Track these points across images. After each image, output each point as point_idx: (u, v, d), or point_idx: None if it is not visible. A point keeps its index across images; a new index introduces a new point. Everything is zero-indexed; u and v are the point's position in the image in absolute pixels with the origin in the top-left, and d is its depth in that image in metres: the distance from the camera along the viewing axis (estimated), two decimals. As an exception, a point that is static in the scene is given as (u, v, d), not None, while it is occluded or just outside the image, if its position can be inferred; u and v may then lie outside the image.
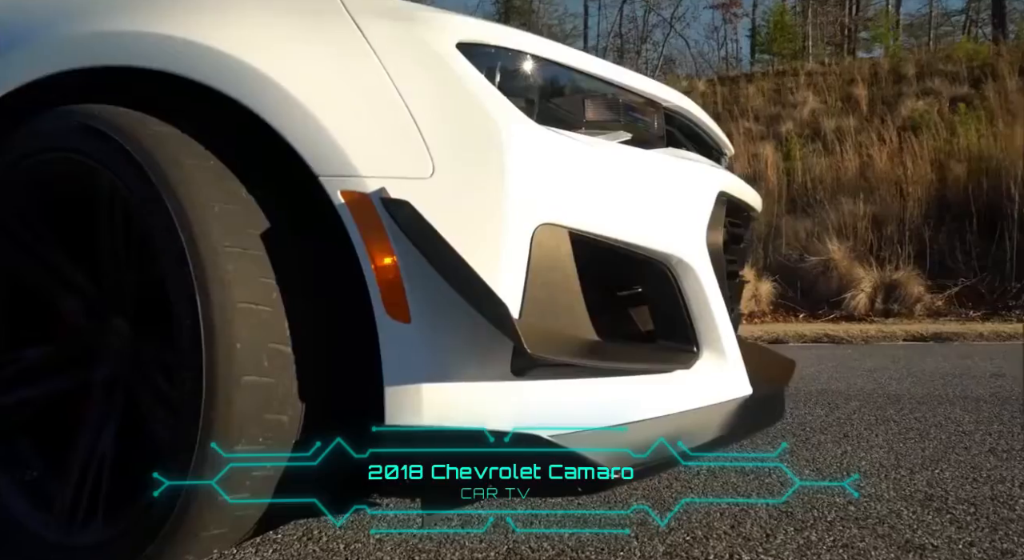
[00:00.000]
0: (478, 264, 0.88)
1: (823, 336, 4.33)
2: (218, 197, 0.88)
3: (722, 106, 12.22)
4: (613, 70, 1.16)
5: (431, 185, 0.89)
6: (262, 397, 0.86)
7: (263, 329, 0.86)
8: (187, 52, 0.91)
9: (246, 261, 0.87)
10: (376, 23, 0.95)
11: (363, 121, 0.90)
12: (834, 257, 7.31)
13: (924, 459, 1.49)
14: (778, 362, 1.68)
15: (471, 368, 0.90)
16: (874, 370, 2.89)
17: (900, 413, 2.00)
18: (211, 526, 0.88)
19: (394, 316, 0.88)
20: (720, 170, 1.32)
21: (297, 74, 0.91)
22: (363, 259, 0.88)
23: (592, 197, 1.00)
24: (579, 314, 0.98)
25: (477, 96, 0.93)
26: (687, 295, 1.12)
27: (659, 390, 1.07)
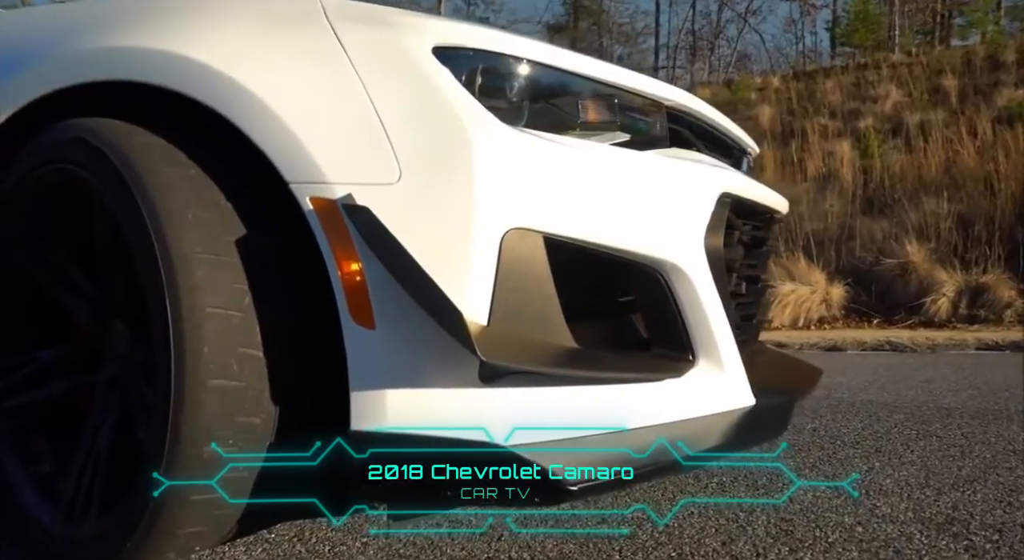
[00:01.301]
0: (444, 269, 0.88)
1: (885, 343, 4.10)
2: (194, 205, 0.91)
3: (796, 102, 11.81)
4: (609, 70, 1.13)
5: (397, 190, 0.89)
6: (232, 400, 0.88)
7: (233, 333, 0.88)
8: (165, 64, 0.94)
9: (218, 267, 0.89)
10: (353, 29, 0.96)
11: (333, 127, 0.91)
12: (913, 260, 6.93)
13: (958, 479, 1.39)
14: (801, 370, 1.60)
15: (437, 374, 0.89)
16: (931, 380, 2.72)
17: (946, 428, 1.87)
18: (186, 525, 0.90)
19: (359, 322, 0.88)
20: (726, 171, 1.26)
21: (271, 82, 0.92)
22: (330, 265, 0.89)
23: (572, 201, 0.98)
24: (554, 321, 0.96)
25: (447, 100, 0.92)
26: (681, 302, 1.09)
27: (648, 399, 1.04)
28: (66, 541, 1.00)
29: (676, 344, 1.10)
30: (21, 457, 1.11)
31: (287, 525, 1.17)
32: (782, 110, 11.77)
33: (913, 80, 11.50)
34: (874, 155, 8.80)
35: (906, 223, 7.38)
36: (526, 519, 1.14)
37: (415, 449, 0.86)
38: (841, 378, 2.83)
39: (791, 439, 1.78)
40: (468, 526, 1.13)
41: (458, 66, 0.97)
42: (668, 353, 1.10)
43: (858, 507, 1.23)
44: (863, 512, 1.21)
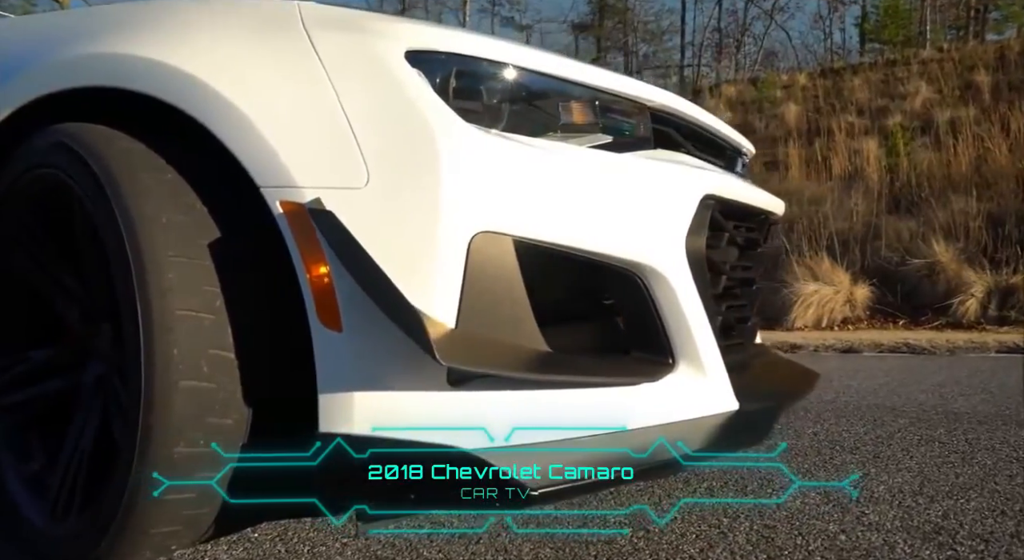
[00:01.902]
0: (410, 272, 0.88)
1: (902, 345, 4.00)
2: (168, 209, 0.92)
3: (823, 100, 11.63)
4: (590, 72, 1.12)
5: (364, 194, 0.90)
6: (203, 401, 0.89)
7: (204, 335, 0.90)
8: (143, 70, 0.96)
9: (190, 270, 0.91)
10: (328, 35, 0.97)
11: (303, 132, 0.92)
12: (941, 259, 6.78)
13: (953, 486, 1.35)
14: (797, 374, 1.58)
15: (405, 377, 0.89)
16: (944, 384, 2.65)
17: (951, 433, 1.82)
18: (159, 524, 0.92)
19: (327, 324, 0.89)
20: (712, 172, 1.25)
21: (244, 88, 0.94)
22: (299, 268, 0.90)
23: (544, 204, 0.98)
24: (525, 324, 0.96)
25: (416, 104, 0.93)
26: (661, 305, 1.08)
27: (622, 403, 1.03)
28: (51, 539, 1.02)
29: (655, 348, 1.09)
30: (16, 455, 1.14)
31: (271, 524, 1.18)
32: (808, 108, 11.60)
33: (944, 76, 11.26)
34: (901, 153, 8.63)
35: (934, 222, 7.22)
36: (527, 520, 1.14)
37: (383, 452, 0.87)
38: (852, 381, 2.78)
39: (790, 443, 1.75)
40: (449, 527, 1.13)
41: (431, 70, 0.97)
42: (647, 357, 1.09)
43: (845, 514, 1.21)
44: (849, 520, 1.18)
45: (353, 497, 0.90)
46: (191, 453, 0.90)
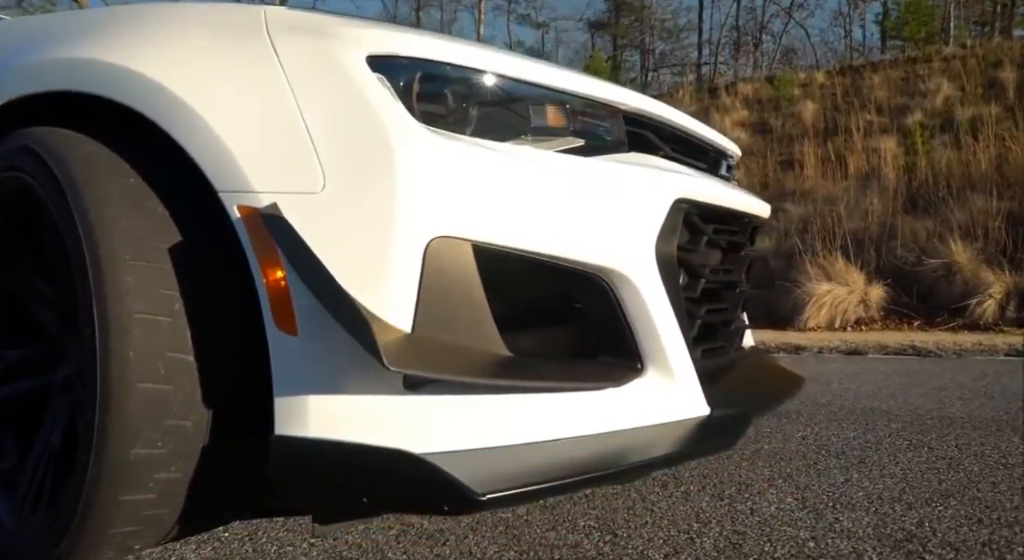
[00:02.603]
0: (365, 277, 0.88)
1: (908, 347, 3.93)
2: (128, 213, 0.93)
3: (841, 98, 11.48)
4: (560, 76, 1.12)
5: (320, 199, 0.90)
6: (159, 403, 0.90)
7: (161, 338, 0.90)
8: (107, 75, 0.97)
9: (148, 273, 0.91)
10: (290, 40, 0.97)
11: (261, 138, 0.92)
12: (958, 260, 6.68)
13: (934, 493, 1.33)
14: (781, 378, 1.56)
15: (360, 381, 0.89)
16: (945, 388, 2.60)
17: (942, 438, 1.79)
18: (119, 524, 0.93)
19: (282, 328, 0.89)
20: (687, 176, 1.24)
21: (204, 93, 0.94)
22: (255, 271, 0.90)
23: (506, 208, 0.97)
24: (485, 328, 0.96)
25: (373, 109, 0.93)
26: (628, 310, 1.07)
27: (589, 408, 1.02)
28: (17, 537, 1.03)
29: (623, 352, 1.08)
30: (-9, 452, 1.16)
31: (242, 524, 1.19)
32: (826, 106, 11.46)
33: (967, 73, 11.07)
34: (920, 152, 8.51)
35: (951, 222, 7.11)
36: (496, 522, 1.13)
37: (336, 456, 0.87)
38: (851, 383, 2.74)
39: (777, 446, 1.73)
40: (418, 528, 1.14)
41: (395, 75, 0.97)
42: (615, 362, 1.09)
43: (818, 521, 1.19)
44: (822, 526, 1.17)
45: (307, 500, 0.91)
46: (149, 454, 0.90)
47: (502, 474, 0.88)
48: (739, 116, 11.94)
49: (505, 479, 0.87)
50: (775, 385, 1.48)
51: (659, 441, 1.05)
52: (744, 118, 11.93)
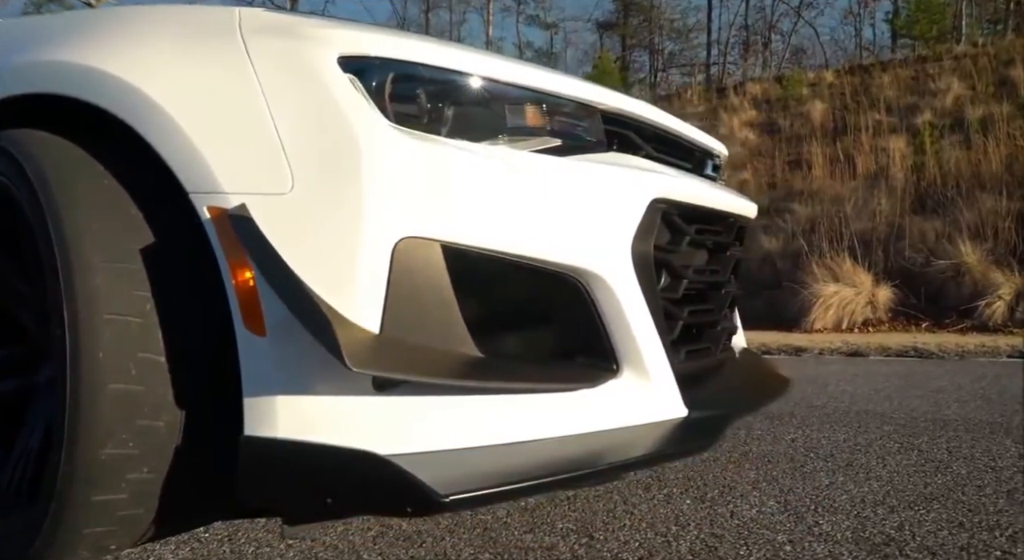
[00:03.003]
0: (332, 277, 0.89)
1: (910, 349, 3.89)
2: (101, 215, 0.94)
3: (851, 98, 11.40)
4: (536, 76, 1.12)
5: (288, 200, 0.90)
6: (131, 404, 0.90)
7: (132, 339, 0.91)
8: (82, 76, 0.98)
9: (119, 275, 0.92)
10: (262, 42, 0.97)
11: (231, 139, 0.93)
12: (967, 260, 6.62)
13: (919, 496, 1.31)
14: (768, 380, 1.55)
15: (329, 382, 0.89)
16: (942, 390, 2.57)
17: (933, 441, 1.77)
18: (92, 524, 0.93)
19: (251, 329, 0.90)
20: (666, 176, 1.23)
21: (176, 95, 0.95)
22: (224, 272, 0.91)
23: (477, 209, 0.97)
24: (455, 329, 0.96)
25: (343, 110, 0.93)
26: (603, 311, 1.07)
27: (562, 409, 1.02)
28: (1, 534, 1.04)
29: (599, 353, 1.08)
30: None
31: (224, 524, 1.20)
32: (835, 106, 11.39)
33: (978, 72, 10.97)
34: (929, 151, 8.44)
35: (960, 222, 7.05)
36: (474, 524, 1.13)
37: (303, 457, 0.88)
38: (848, 386, 2.72)
39: (765, 448, 1.72)
40: (396, 530, 1.14)
41: (367, 76, 0.97)
42: (592, 363, 1.09)
43: (798, 524, 1.18)
44: (800, 529, 1.16)
45: (275, 501, 0.91)
46: (120, 454, 0.91)
47: (468, 475, 0.88)
48: (747, 116, 11.90)
49: (470, 480, 0.87)
50: (760, 387, 1.47)
51: (633, 442, 1.05)
52: (752, 118, 11.88)
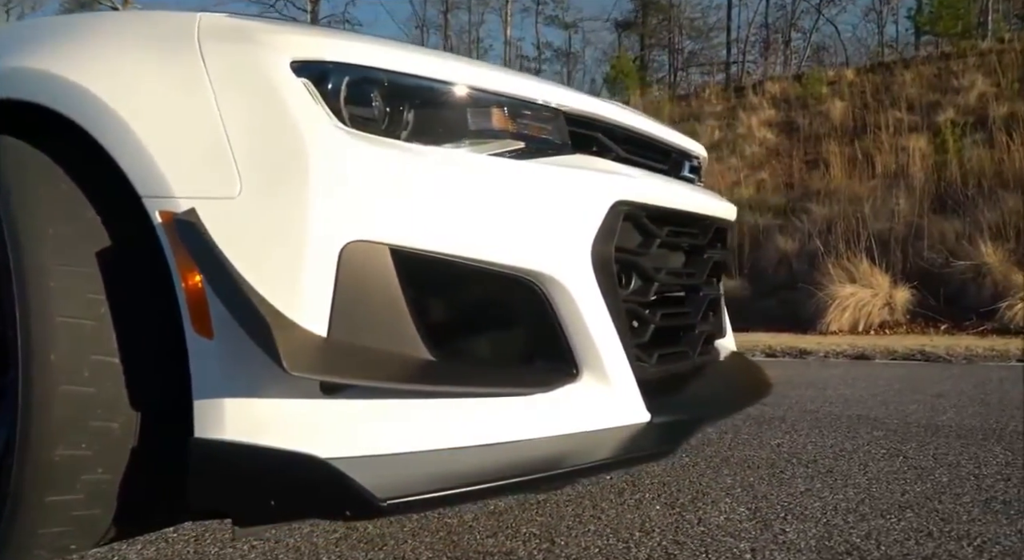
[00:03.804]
0: (278, 281, 0.89)
1: (917, 352, 3.81)
2: (57, 218, 0.95)
3: (871, 96, 11.24)
4: (498, 78, 1.11)
5: (236, 204, 0.91)
6: (84, 405, 0.92)
7: (85, 341, 0.92)
8: (40, 82, 1.00)
9: (73, 277, 0.93)
10: (217, 47, 0.98)
11: (183, 144, 0.94)
12: (988, 261, 6.50)
13: (893, 504, 1.29)
14: (746, 385, 1.53)
15: (277, 385, 0.90)
16: (943, 394, 2.51)
17: (921, 447, 1.73)
18: (48, 525, 0.95)
19: (200, 332, 0.90)
20: (630, 178, 1.22)
21: (131, 100, 0.96)
22: (175, 276, 0.92)
23: (428, 213, 0.97)
24: (404, 333, 0.96)
25: (291, 114, 0.93)
26: (561, 314, 1.06)
27: (515, 414, 1.02)
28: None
29: (558, 357, 1.07)
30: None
31: (194, 525, 1.21)
32: (855, 104, 11.23)
33: (1003, 69, 10.75)
34: (951, 150, 8.28)
35: (982, 222, 6.92)
36: (437, 527, 1.13)
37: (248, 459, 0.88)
38: (847, 389, 2.67)
39: (748, 454, 1.70)
40: (361, 532, 1.14)
41: (321, 80, 0.98)
42: (551, 367, 1.08)
43: (764, 532, 1.16)
44: (765, 537, 1.14)
45: (223, 503, 0.91)
46: (73, 456, 0.92)
47: (410, 479, 0.88)
48: (766, 115, 11.77)
49: (412, 484, 0.86)
50: (738, 391, 1.45)
51: (590, 448, 1.04)
52: (771, 117, 11.75)
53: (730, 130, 11.58)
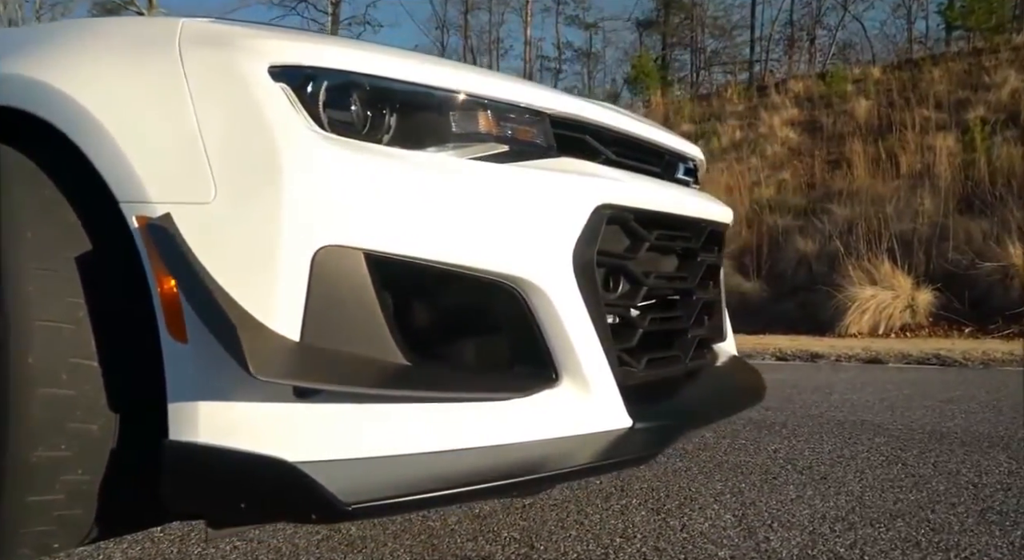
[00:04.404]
0: (250, 285, 0.90)
1: (932, 357, 3.72)
2: (38, 223, 0.97)
3: (898, 93, 11.04)
4: (481, 82, 1.11)
5: (211, 209, 0.92)
6: (62, 408, 0.93)
7: (63, 345, 0.94)
8: (25, 88, 1.01)
9: (53, 282, 0.95)
10: (196, 52, 0.99)
11: (160, 149, 0.95)
12: (1015, 263, 6.35)
13: (884, 513, 1.26)
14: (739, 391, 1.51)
15: (249, 389, 0.90)
16: (953, 400, 2.45)
17: (922, 455, 1.69)
18: (29, 524, 0.96)
19: (174, 336, 0.91)
20: (616, 181, 1.21)
21: (111, 106, 0.97)
22: (151, 280, 0.93)
23: (405, 217, 0.97)
24: (378, 337, 0.96)
25: (267, 119, 0.94)
26: (540, 319, 1.06)
27: (491, 419, 1.01)
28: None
29: (538, 362, 1.07)
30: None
31: (181, 525, 1.22)
32: (881, 102, 11.04)
33: (1038, 63, 10.49)
34: (979, 149, 8.10)
35: (1010, 223, 6.76)
36: (419, 531, 1.13)
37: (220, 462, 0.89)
38: (854, 394, 2.62)
39: (743, 460, 1.67)
40: (344, 533, 1.14)
41: (299, 85, 0.98)
42: (531, 371, 1.07)
43: (747, 539, 1.15)
44: (747, 545, 1.12)
45: (196, 505, 0.92)
46: (52, 457, 0.94)
47: (379, 484, 0.88)
48: (788, 114, 11.62)
49: (379, 489, 0.87)
50: (728, 397, 1.43)
51: (567, 453, 1.03)
52: (794, 116, 11.60)
53: (751, 130, 11.45)
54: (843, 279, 6.66)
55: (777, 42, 20.12)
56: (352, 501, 0.83)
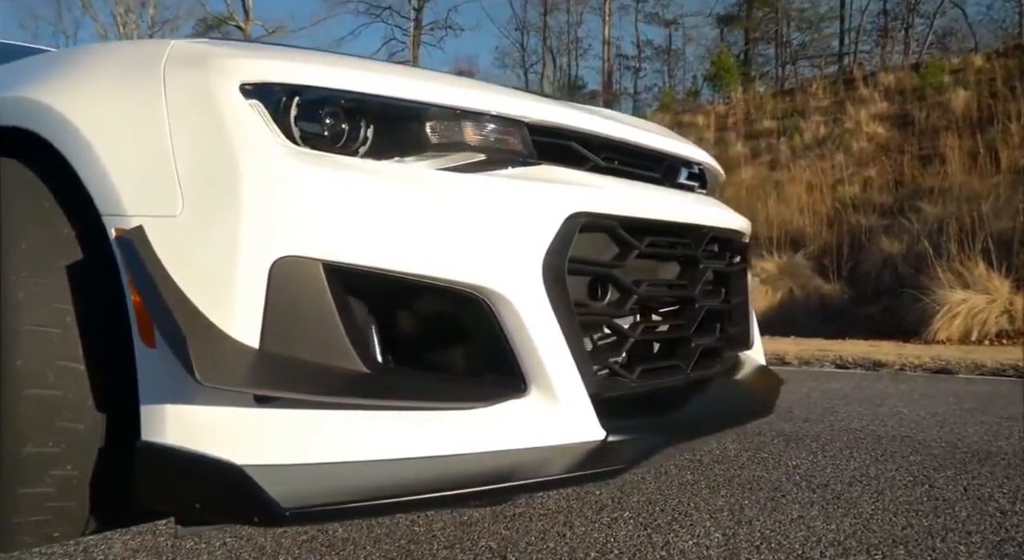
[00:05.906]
0: (211, 295, 0.93)
1: (1009, 368, 3.40)
2: (32, 233, 1.04)
3: (1002, 83, 10.27)
4: (454, 93, 1.11)
5: (177, 222, 0.96)
6: (49, 408, 1.00)
7: (51, 348, 1.01)
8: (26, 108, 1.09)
9: (42, 289, 1.02)
10: (177, 72, 1.04)
11: (138, 164, 1.00)
12: None
13: (886, 539, 1.17)
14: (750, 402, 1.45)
15: (211, 394, 0.94)
16: (1012, 417, 2.23)
17: (954, 476, 1.56)
18: (22, 514, 1.03)
19: (145, 342, 0.97)
20: (594, 188, 1.18)
21: (100, 124, 1.04)
22: (125, 288, 0.98)
23: (366, 228, 0.99)
24: (336, 346, 0.98)
25: (229, 134, 0.97)
26: (508, 329, 1.05)
27: (452, 428, 1.02)
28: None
29: (506, 372, 1.06)
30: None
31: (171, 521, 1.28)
32: (982, 93, 10.31)
33: None
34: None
35: (1126, 221, 6.19)
36: (400, 536, 1.14)
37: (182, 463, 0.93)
38: (905, 407, 2.44)
39: (757, 475, 1.60)
40: (331, 533, 1.17)
41: (271, 101, 1.02)
42: (499, 381, 1.07)
43: (727, 561, 1.10)
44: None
45: (163, 504, 0.97)
46: (40, 453, 1.01)
47: (323, 490, 0.89)
48: (877, 109, 11.02)
49: (322, 495, 0.88)
50: (727, 410, 1.38)
51: (529, 465, 1.02)
52: (882, 110, 11.00)
53: (837, 125, 10.93)
54: (931, 282, 6.27)
55: (869, 33, 19.12)
56: (292, 506, 0.85)
